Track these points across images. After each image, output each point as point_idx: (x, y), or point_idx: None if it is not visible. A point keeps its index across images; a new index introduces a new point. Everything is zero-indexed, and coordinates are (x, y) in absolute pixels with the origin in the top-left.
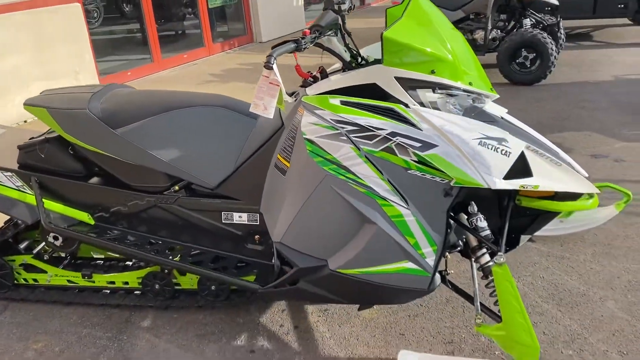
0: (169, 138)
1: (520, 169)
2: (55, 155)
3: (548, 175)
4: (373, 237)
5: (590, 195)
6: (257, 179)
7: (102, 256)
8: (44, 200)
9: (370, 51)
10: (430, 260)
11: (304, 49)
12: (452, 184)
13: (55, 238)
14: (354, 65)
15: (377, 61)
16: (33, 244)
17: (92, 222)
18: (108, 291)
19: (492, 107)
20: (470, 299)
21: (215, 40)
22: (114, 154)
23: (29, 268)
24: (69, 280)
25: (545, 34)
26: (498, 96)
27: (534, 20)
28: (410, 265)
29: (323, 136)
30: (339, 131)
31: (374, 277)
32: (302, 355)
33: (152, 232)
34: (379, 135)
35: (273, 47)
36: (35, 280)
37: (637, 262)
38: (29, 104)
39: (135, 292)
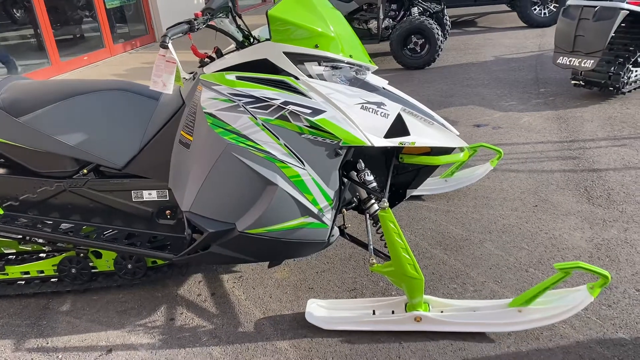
0: (74, 123)
1: (399, 128)
2: None
3: (423, 133)
4: (275, 197)
5: (461, 150)
6: (163, 157)
7: (14, 250)
8: None
9: (263, 32)
10: (328, 214)
11: (197, 29)
12: (340, 144)
13: None
14: (246, 44)
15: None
16: None
17: (1, 212)
18: (22, 282)
19: (374, 79)
20: (364, 246)
21: (116, 41)
22: (19, 142)
23: None
24: None
25: (431, 21)
26: (377, 67)
27: (421, 8)
28: (310, 220)
29: (222, 109)
30: (236, 103)
31: (278, 233)
32: (219, 317)
33: (64, 217)
34: (273, 105)
35: (168, 29)
36: None
37: (510, 210)
38: None
39: (52, 279)
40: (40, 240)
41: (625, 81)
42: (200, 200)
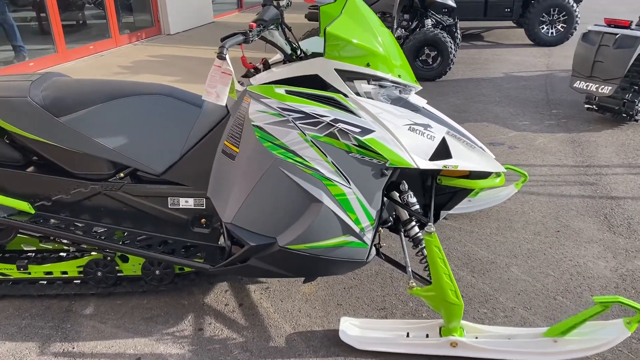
0: (115, 126)
1: (442, 151)
2: None
3: (465, 157)
4: (319, 215)
5: (498, 174)
6: (203, 165)
7: (34, 248)
8: None
9: (307, 45)
10: (369, 234)
11: (251, 41)
12: (387, 164)
13: None
14: (294, 57)
15: (315, 54)
16: None
17: (33, 212)
18: (45, 282)
19: (415, 98)
20: (400, 267)
21: (122, 32)
22: (58, 142)
23: None
24: (1, 273)
25: (445, 34)
26: (421, 87)
27: (434, 20)
28: (351, 238)
29: (271, 123)
30: (285, 118)
31: (319, 251)
32: (249, 330)
33: (97, 220)
34: (323, 122)
35: (223, 39)
36: None
37: (533, 233)
38: None
39: (75, 281)
40: (67, 241)
41: (639, 109)
42: (243, 213)
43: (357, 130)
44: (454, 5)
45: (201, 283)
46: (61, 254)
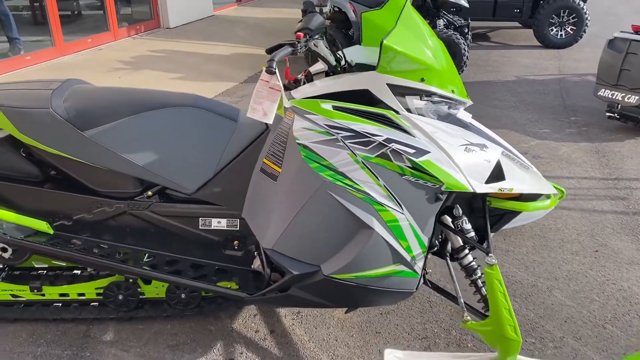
0: (144, 141)
1: (496, 173)
2: (6, 158)
3: (518, 178)
4: (368, 242)
5: (548, 196)
6: (238, 184)
7: (45, 265)
8: None
9: (349, 54)
10: (420, 262)
11: (299, 52)
12: (443, 188)
13: (4, 250)
14: (338, 69)
15: (360, 65)
16: None
17: (52, 232)
18: (59, 304)
19: (462, 114)
20: (449, 296)
21: (121, 25)
22: (81, 158)
23: None
24: (12, 295)
25: (459, 36)
26: (472, 103)
27: (446, 21)
28: (401, 267)
29: (318, 142)
30: (334, 137)
31: (366, 280)
32: None
33: (121, 241)
34: (375, 142)
35: (269, 51)
36: None
37: (571, 253)
38: None
39: (92, 303)
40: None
41: None
42: (286, 239)
43: (412, 151)
44: (466, 5)
45: (228, 307)
46: (76, 271)
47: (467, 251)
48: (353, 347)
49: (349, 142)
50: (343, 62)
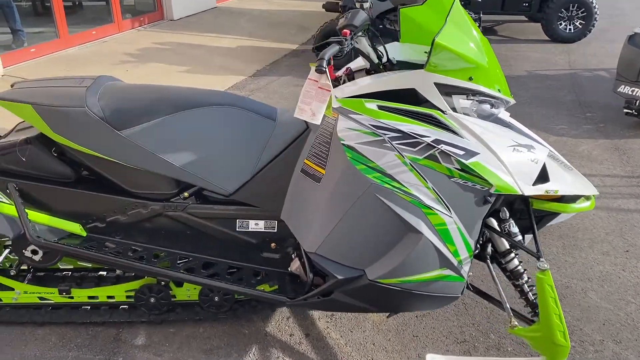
0: (182, 141)
1: (541, 174)
2: (38, 158)
3: (562, 180)
4: (416, 246)
5: (587, 198)
6: (277, 185)
7: (70, 266)
8: (26, 210)
9: (391, 52)
10: (466, 267)
11: (347, 50)
12: (492, 191)
13: (34, 252)
14: (380, 67)
15: (401, 63)
16: None
17: (85, 234)
18: (88, 307)
19: (503, 113)
20: (493, 301)
21: (125, 16)
22: (117, 158)
23: None
24: (40, 297)
25: None
26: (515, 102)
27: None
28: (448, 272)
29: (364, 142)
30: (381, 138)
31: (412, 285)
32: None
33: (155, 243)
34: (423, 143)
35: (315, 50)
36: None
37: (602, 253)
38: (6, 99)
39: (122, 306)
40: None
41: None
42: (331, 243)
43: (461, 152)
44: None
45: (262, 309)
46: (102, 273)
47: (512, 255)
48: (391, 352)
49: (396, 143)
50: (385, 60)
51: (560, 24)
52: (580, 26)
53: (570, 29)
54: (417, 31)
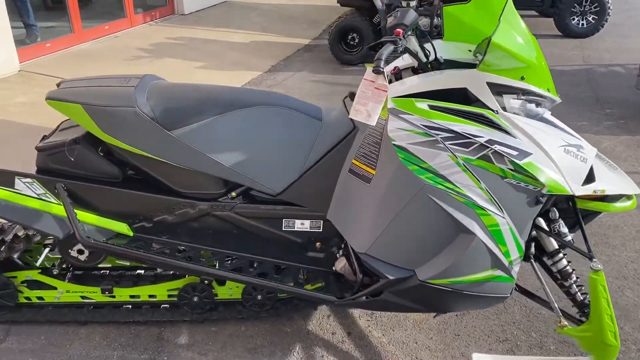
0: (231, 141)
1: (589, 174)
2: (87, 158)
3: (608, 179)
4: (468, 247)
5: (629, 197)
6: (324, 185)
7: (109, 265)
8: (75, 211)
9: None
10: (516, 267)
11: (401, 50)
12: (544, 191)
13: (80, 252)
14: (428, 67)
15: (449, 62)
16: (29, 257)
17: (132, 234)
18: (129, 306)
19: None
20: (540, 301)
21: (136, 11)
22: (167, 158)
23: (32, 285)
24: (82, 297)
25: None
26: (561, 101)
27: None
28: (498, 273)
29: (416, 143)
30: (434, 138)
31: (462, 286)
32: None
33: (201, 242)
34: (476, 143)
35: (371, 50)
36: (40, 298)
37: (634, 252)
38: (55, 98)
39: (164, 305)
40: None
41: None
42: (382, 243)
43: (514, 152)
44: None
45: (304, 308)
46: (140, 272)
47: (561, 255)
48: (434, 350)
49: (449, 144)
50: (432, 58)
51: (573, 19)
52: (593, 21)
53: (582, 24)
54: (462, 30)
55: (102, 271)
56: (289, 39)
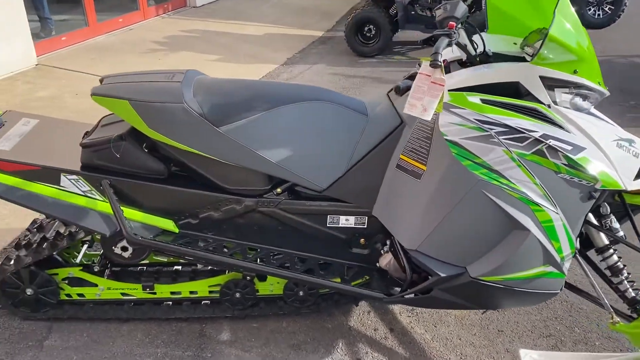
0: (278, 137)
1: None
2: (132, 154)
3: None
4: (522, 244)
5: None
6: (370, 180)
7: (146, 261)
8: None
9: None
10: (567, 263)
11: (455, 42)
12: (598, 187)
13: (124, 249)
14: (477, 60)
15: (497, 56)
16: (66, 254)
17: (177, 231)
18: (170, 303)
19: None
20: (589, 297)
21: (149, 3)
22: (214, 155)
23: (73, 282)
24: (123, 293)
25: None
26: (609, 94)
27: None
28: (550, 269)
29: (469, 138)
30: (487, 133)
31: (513, 282)
32: None
33: (246, 239)
34: (530, 138)
35: (425, 44)
36: (80, 295)
37: None
38: (101, 94)
39: (204, 302)
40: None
41: None
42: (433, 240)
43: (569, 147)
44: None
45: (345, 304)
46: (177, 267)
47: (612, 250)
48: (479, 347)
49: (503, 138)
50: (480, 51)
51: (589, 9)
52: (610, 11)
53: (599, 14)
54: (507, 22)
55: (138, 267)
56: (303, 31)
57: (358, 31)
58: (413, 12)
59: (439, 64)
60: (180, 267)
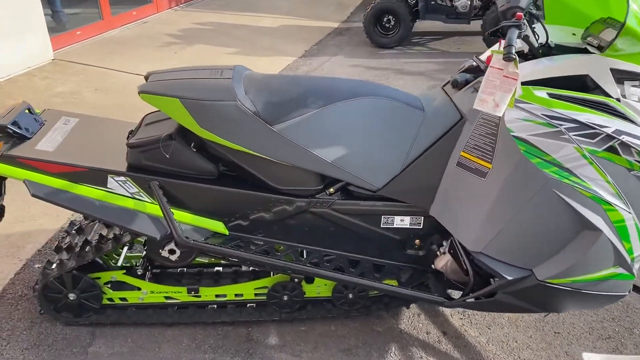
0: (333, 135)
1: None
2: (182, 154)
3: None
4: (593, 245)
5: None
6: (428, 179)
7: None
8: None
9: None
10: (637, 264)
11: (524, 34)
12: None
13: (171, 252)
14: (539, 51)
15: (559, 47)
16: (105, 256)
17: (227, 233)
18: (215, 306)
19: None
20: None
21: None
22: (267, 154)
23: (115, 285)
24: (166, 297)
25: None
26: None
27: None
28: (620, 270)
29: (538, 134)
30: (557, 129)
31: (582, 285)
32: None
33: (295, 240)
34: (602, 134)
35: (492, 36)
36: (123, 299)
37: None
38: (150, 92)
39: (250, 305)
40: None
41: None
42: (500, 242)
43: None
44: None
45: (397, 306)
46: (217, 269)
47: None
48: (536, 350)
49: (574, 135)
50: (542, 43)
51: None
52: None
53: None
54: (566, 12)
55: (179, 270)
56: (318, 22)
57: (377, 22)
58: (433, 2)
59: (513, 57)
60: (221, 269)
